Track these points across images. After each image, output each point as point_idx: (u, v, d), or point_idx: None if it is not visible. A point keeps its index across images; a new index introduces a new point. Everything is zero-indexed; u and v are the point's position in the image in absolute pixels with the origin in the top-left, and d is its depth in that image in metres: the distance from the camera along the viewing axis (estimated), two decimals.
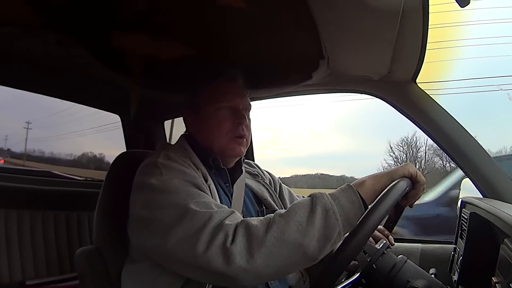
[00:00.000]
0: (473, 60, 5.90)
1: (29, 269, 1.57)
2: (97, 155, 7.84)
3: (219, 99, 0.97)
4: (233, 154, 0.98)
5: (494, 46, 5.12)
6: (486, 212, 0.85)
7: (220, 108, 0.97)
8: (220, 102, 0.97)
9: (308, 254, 0.70)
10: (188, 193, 0.79)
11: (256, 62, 1.17)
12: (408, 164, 0.80)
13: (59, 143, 9.45)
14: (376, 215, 0.67)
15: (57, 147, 9.18)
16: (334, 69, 1.10)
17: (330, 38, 0.93)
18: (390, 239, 0.94)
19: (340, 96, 10.47)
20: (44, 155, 8.37)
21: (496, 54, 5.16)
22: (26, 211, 1.60)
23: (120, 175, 1.02)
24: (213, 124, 0.96)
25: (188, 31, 1.06)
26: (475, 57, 5.93)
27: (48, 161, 7.95)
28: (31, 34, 1.11)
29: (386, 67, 1.04)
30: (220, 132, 0.96)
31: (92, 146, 9.03)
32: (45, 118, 7.18)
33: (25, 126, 7.38)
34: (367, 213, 0.68)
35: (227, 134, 0.96)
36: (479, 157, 1.09)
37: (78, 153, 8.16)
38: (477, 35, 5.85)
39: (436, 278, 0.82)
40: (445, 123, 1.12)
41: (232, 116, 0.97)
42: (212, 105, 0.97)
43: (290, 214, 0.72)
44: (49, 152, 8.54)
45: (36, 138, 10.25)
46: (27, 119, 7.30)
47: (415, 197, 0.83)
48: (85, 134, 6.10)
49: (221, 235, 0.70)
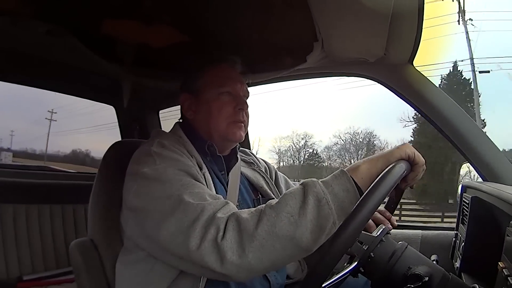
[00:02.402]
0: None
1: (26, 264, 1.57)
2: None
3: (220, 84, 0.97)
4: (234, 138, 0.97)
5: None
6: (489, 196, 0.83)
7: (222, 93, 0.96)
8: (222, 87, 0.96)
9: (301, 246, 0.68)
10: (181, 183, 0.77)
11: (248, 46, 1.15)
12: (405, 144, 0.76)
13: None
14: (371, 203, 0.63)
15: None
16: (329, 52, 1.08)
17: (324, 19, 0.90)
18: (392, 220, 0.91)
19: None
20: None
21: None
22: (22, 205, 1.60)
23: (114, 165, 1.01)
24: (214, 108, 0.95)
25: (178, 16, 1.03)
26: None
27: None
28: (19, 25, 1.08)
29: (382, 48, 1.02)
30: (220, 117, 0.95)
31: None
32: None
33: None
34: (361, 202, 0.63)
35: (227, 119, 0.95)
36: (478, 139, 1.08)
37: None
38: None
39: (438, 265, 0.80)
40: (443, 105, 1.10)
41: (233, 102, 0.96)
42: (214, 89, 0.96)
43: (280, 205, 0.70)
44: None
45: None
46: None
47: (414, 178, 0.79)
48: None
49: (213, 229, 0.69)
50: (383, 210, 0.94)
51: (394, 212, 0.94)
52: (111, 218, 0.95)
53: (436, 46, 11.59)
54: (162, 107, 1.79)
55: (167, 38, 1.14)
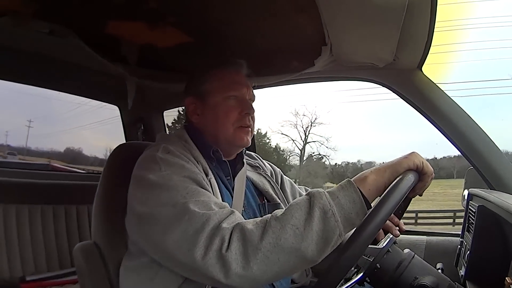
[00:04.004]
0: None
1: (29, 264, 1.57)
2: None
3: (227, 88, 0.96)
4: (241, 143, 0.96)
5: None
6: (495, 206, 0.82)
7: (228, 97, 0.95)
8: (228, 91, 0.95)
9: (306, 258, 0.67)
10: (187, 191, 0.76)
11: (255, 49, 1.14)
12: (413, 154, 0.75)
13: None
14: (378, 219, 0.62)
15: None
16: (337, 56, 1.06)
17: (334, 23, 0.89)
18: (400, 225, 0.90)
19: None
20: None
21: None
22: (25, 205, 1.59)
23: (118, 167, 1.00)
24: (220, 113, 0.95)
25: (185, 17, 1.02)
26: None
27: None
28: (23, 24, 1.07)
29: (391, 53, 1.01)
30: (227, 122, 0.94)
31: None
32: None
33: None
34: (368, 217, 0.63)
35: (234, 124, 0.95)
36: (485, 147, 1.06)
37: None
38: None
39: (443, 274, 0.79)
40: (451, 112, 1.08)
41: (240, 106, 0.96)
42: (220, 93, 0.96)
43: (286, 217, 0.69)
44: None
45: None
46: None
47: (422, 188, 0.78)
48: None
49: (217, 240, 0.69)
50: (391, 216, 0.93)
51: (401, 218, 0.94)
52: (115, 222, 0.94)
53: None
54: (167, 108, 1.78)
55: (172, 39, 1.13)
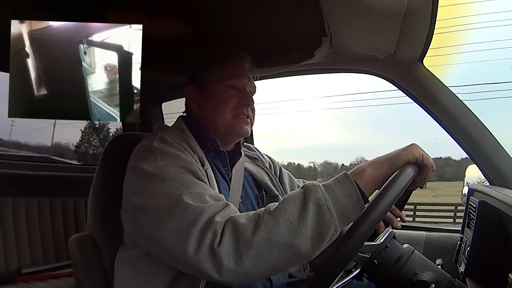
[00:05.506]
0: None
1: (25, 257, 1.55)
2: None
3: (227, 78, 0.96)
4: (240, 132, 0.95)
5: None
6: (497, 201, 0.81)
7: (229, 87, 0.95)
8: (229, 81, 0.96)
9: (301, 254, 0.66)
10: (182, 182, 0.75)
11: (254, 40, 1.12)
12: (412, 146, 0.72)
13: None
14: (375, 214, 0.61)
15: None
16: (337, 47, 1.05)
17: (334, 14, 0.87)
18: (402, 217, 0.89)
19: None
20: None
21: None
22: (21, 197, 1.58)
23: (115, 159, 0.99)
24: (219, 101, 0.95)
25: (184, 8, 1.01)
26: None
27: None
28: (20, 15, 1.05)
29: (392, 45, 1.00)
30: (225, 109, 0.94)
31: None
32: None
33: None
34: (365, 212, 0.62)
35: (231, 112, 0.94)
36: (486, 142, 1.06)
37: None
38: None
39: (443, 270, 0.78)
40: (452, 105, 1.08)
41: (239, 96, 0.95)
42: (221, 83, 0.96)
43: (279, 211, 0.67)
44: None
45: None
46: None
47: (422, 181, 0.76)
48: None
49: (210, 233, 0.67)
50: (392, 208, 0.90)
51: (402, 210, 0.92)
52: (110, 214, 0.93)
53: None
54: (165, 100, 1.78)
55: (171, 30, 1.12)
